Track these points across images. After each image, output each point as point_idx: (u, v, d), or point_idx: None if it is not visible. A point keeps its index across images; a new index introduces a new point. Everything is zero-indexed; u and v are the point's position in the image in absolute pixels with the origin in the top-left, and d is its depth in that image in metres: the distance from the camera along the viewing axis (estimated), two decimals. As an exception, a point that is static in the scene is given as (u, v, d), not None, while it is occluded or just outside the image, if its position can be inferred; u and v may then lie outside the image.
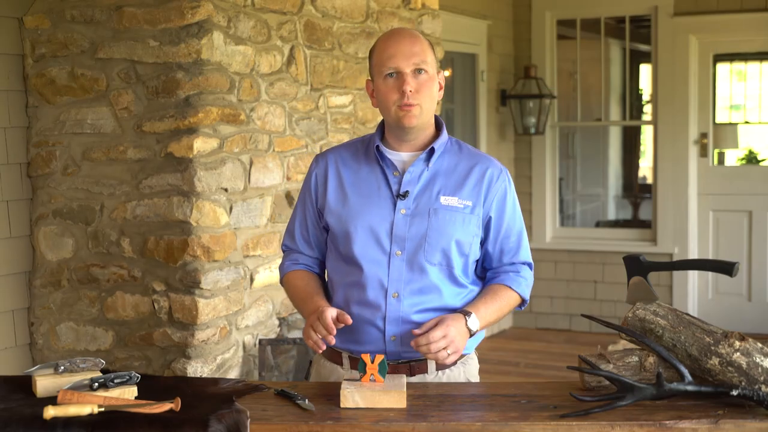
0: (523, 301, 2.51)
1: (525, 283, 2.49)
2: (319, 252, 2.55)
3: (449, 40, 6.08)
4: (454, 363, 2.43)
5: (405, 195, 2.38)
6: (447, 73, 6.67)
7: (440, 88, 2.43)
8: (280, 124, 4.04)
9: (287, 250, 2.59)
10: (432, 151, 2.41)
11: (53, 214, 3.84)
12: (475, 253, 2.44)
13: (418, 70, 2.34)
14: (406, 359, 2.38)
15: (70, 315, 3.84)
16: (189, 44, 3.57)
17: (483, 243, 2.46)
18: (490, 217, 2.43)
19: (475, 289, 2.47)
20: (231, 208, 3.78)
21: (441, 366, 2.41)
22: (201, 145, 3.60)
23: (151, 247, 3.68)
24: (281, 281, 2.59)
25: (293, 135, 4.13)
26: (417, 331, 2.26)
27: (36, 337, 3.88)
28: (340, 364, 2.45)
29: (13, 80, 3.80)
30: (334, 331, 2.24)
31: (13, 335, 3.84)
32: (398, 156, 2.43)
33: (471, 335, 2.32)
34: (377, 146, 2.43)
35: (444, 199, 2.39)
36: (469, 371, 2.48)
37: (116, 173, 3.74)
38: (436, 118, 2.47)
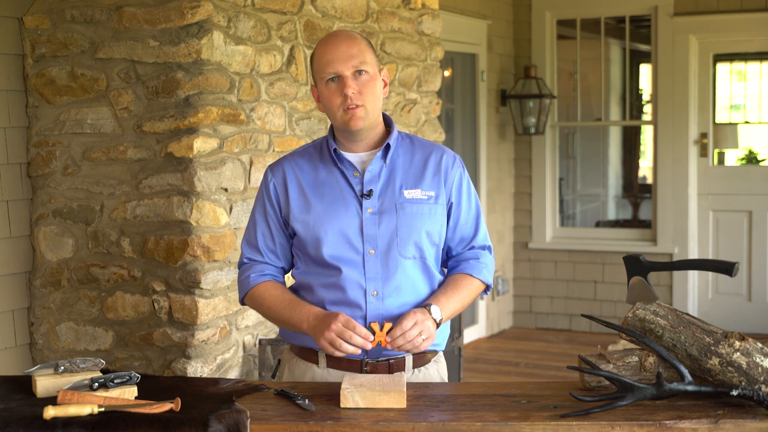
0: (486, 287, 2.54)
1: (486, 269, 2.52)
2: (285, 261, 2.53)
3: (449, 40, 6.08)
4: (429, 360, 2.48)
5: (369, 194, 2.40)
6: (447, 73, 6.67)
7: (385, 85, 2.45)
8: (280, 124, 4.04)
9: (249, 263, 2.52)
10: (388, 148, 2.43)
11: (53, 214, 3.84)
12: (443, 242, 2.49)
13: (358, 72, 2.35)
14: (385, 357, 2.40)
15: (70, 315, 3.84)
16: (189, 44, 3.57)
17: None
18: (451, 204, 2.47)
19: (441, 278, 2.50)
20: (231, 208, 3.78)
21: (418, 363, 2.45)
22: (201, 145, 3.60)
23: (151, 247, 3.68)
24: (243, 297, 2.50)
25: (293, 135, 4.13)
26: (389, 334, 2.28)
27: (36, 337, 3.88)
28: (316, 363, 2.45)
29: (13, 80, 3.80)
30: (372, 337, 2.27)
31: (13, 335, 3.84)
32: (356, 156, 2.45)
33: (437, 325, 2.35)
34: (335, 149, 2.43)
35: (408, 193, 2.41)
36: (441, 369, 2.54)
37: (116, 173, 3.74)
38: (385, 116, 2.50)
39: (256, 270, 2.50)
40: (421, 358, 2.46)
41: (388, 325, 2.27)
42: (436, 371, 2.50)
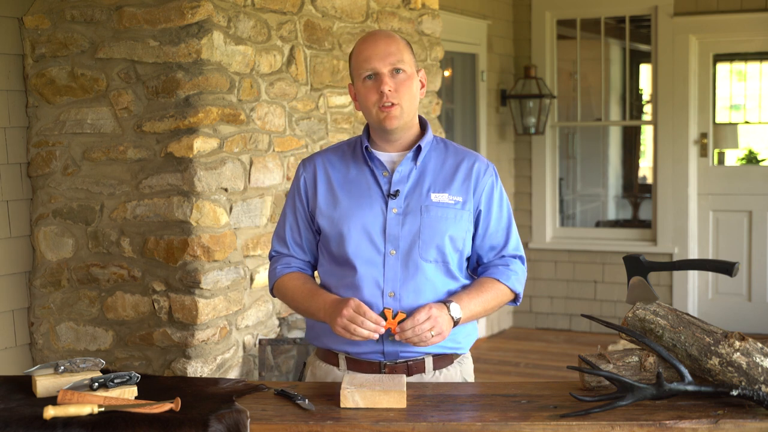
0: (516, 296, 2.50)
1: (515, 276, 2.48)
2: (311, 256, 2.54)
3: (449, 40, 6.08)
4: (451, 362, 2.46)
5: (396, 194, 2.39)
6: (447, 73, 6.67)
7: (422, 86, 2.45)
8: (280, 124, 4.04)
9: (277, 255, 2.56)
10: (419, 150, 2.43)
11: (53, 214, 3.84)
12: (468, 249, 2.46)
13: (395, 70, 2.36)
14: (403, 359, 2.39)
15: (70, 315, 3.84)
16: (189, 44, 3.57)
17: (473, 238, 2.47)
18: (480, 212, 2.45)
19: (467, 283, 2.48)
20: (231, 208, 3.78)
21: (439, 364, 2.43)
22: (201, 145, 3.60)
23: (151, 247, 3.68)
24: (272, 288, 2.54)
25: (293, 135, 4.13)
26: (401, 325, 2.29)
27: (36, 337, 3.88)
28: (336, 365, 2.45)
29: (13, 80, 3.80)
30: (383, 322, 2.27)
31: (13, 335, 3.84)
32: (387, 156, 2.45)
33: (455, 323, 2.34)
34: (366, 147, 2.43)
35: (435, 196, 2.40)
36: (465, 371, 2.50)
37: (116, 173, 3.74)
38: (421, 118, 2.49)
39: (282, 262, 2.52)
40: (442, 360, 2.44)
41: (401, 315, 2.28)
42: (459, 372, 2.48)
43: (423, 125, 2.49)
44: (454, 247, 2.41)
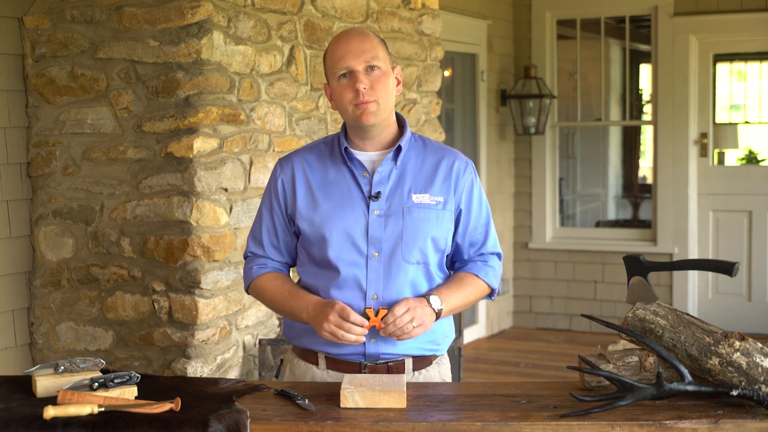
0: (491, 291, 2.52)
1: (492, 272, 2.50)
2: (288, 257, 2.52)
3: (449, 40, 6.08)
4: (430, 363, 2.46)
5: (377, 196, 2.37)
6: (447, 73, 6.67)
7: (398, 83, 2.43)
8: (280, 124, 4.04)
9: (252, 256, 2.53)
10: (399, 149, 2.41)
11: (53, 214, 3.84)
12: (449, 248, 2.46)
13: (370, 67, 2.34)
14: (384, 360, 2.39)
15: (70, 315, 3.84)
16: (189, 44, 3.57)
17: (453, 235, 2.47)
18: (460, 210, 2.45)
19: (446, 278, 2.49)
20: (231, 208, 3.78)
21: (418, 366, 2.43)
22: (201, 145, 3.60)
23: (151, 247, 3.68)
24: (248, 287, 2.52)
25: (293, 135, 4.13)
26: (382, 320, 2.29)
27: (36, 337, 3.88)
28: (316, 364, 2.45)
29: (13, 80, 3.80)
30: (367, 323, 2.27)
31: (13, 335, 3.84)
32: (367, 156, 2.42)
33: (438, 315, 2.34)
34: (345, 147, 2.41)
35: (416, 197, 2.39)
36: (443, 371, 2.51)
37: (116, 173, 3.74)
38: (399, 116, 2.47)
39: (258, 263, 2.50)
40: (422, 361, 2.44)
41: (383, 312, 2.28)
42: (438, 373, 2.48)
43: (401, 123, 2.47)
44: (436, 247, 2.41)
